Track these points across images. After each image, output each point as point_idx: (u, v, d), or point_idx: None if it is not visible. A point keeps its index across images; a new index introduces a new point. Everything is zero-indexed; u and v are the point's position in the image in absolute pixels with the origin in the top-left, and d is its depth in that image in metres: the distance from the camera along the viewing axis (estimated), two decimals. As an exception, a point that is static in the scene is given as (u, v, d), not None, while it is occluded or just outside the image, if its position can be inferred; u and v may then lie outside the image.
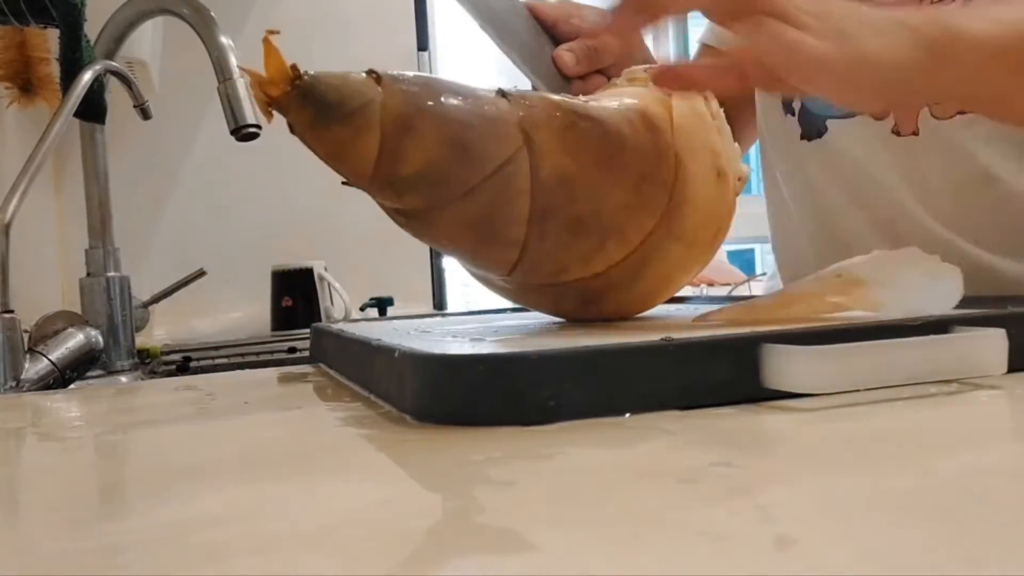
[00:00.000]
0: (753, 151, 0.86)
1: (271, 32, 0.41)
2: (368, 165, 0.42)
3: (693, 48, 0.88)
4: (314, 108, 0.41)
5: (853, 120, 0.68)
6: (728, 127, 0.50)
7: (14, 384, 0.69)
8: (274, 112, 0.41)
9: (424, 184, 0.42)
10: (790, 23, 0.42)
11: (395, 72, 0.43)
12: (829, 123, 0.70)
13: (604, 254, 0.46)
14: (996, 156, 0.62)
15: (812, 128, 0.71)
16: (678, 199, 0.47)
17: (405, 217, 0.45)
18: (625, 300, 0.50)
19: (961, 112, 0.63)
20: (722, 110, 0.51)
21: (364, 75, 0.42)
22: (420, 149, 0.42)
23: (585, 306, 0.49)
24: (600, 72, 0.62)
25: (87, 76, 0.81)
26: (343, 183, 0.45)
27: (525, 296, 0.51)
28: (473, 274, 0.50)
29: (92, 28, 0.88)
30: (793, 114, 0.73)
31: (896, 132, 0.66)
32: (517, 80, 0.58)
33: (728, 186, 0.49)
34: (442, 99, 0.43)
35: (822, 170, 0.71)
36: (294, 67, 0.40)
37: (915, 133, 0.65)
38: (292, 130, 0.42)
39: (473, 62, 1.68)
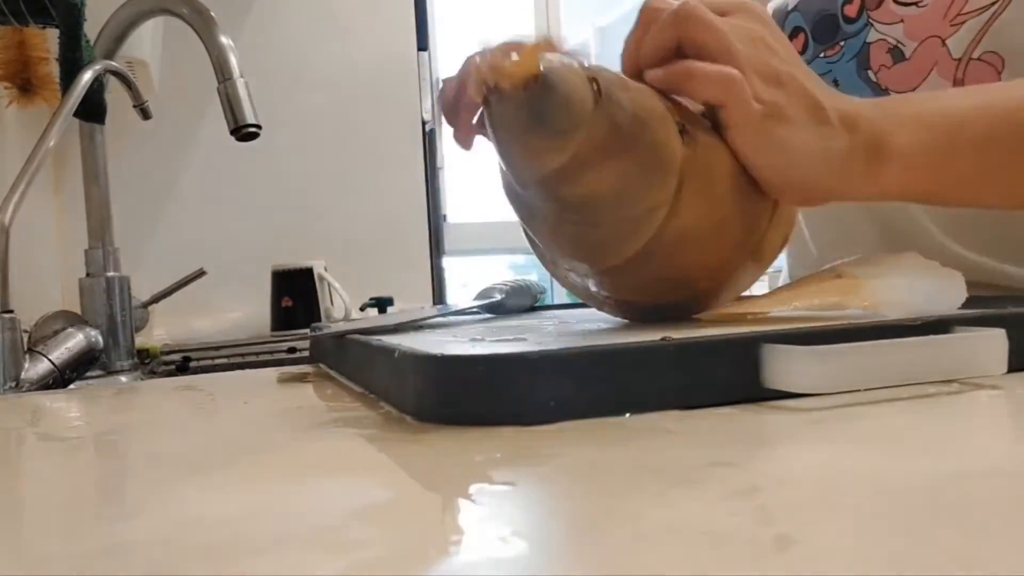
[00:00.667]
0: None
1: (549, 41, 0.38)
2: (539, 176, 0.39)
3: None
4: (530, 113, 0.38)
5: None
6: None
7: (14, 384, 0.69)
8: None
9: (576, 208, 0.40)
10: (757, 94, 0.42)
11: (611, 90, 0.39)
12: None
13: (673, 295, 0.45)
14: None
15: None
16: (769, 244, 0.47)
17: (528, 210, 0.43)
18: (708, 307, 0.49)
19: None
20: None
21: (588, 82, 0.38)
22: (595, 183, 0.39)
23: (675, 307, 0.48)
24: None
25: (87, 76, 0.81)
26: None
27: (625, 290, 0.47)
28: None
29: (92, 28, 0.88)
30: None
31: None
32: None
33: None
34: (642, 135, 0.39)
35: None
36: (538, 75, 0.37)
37: None
38: (489, 118, 0.39)
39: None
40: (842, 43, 0.68)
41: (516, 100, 0.37)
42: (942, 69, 0.62)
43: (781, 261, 0.83)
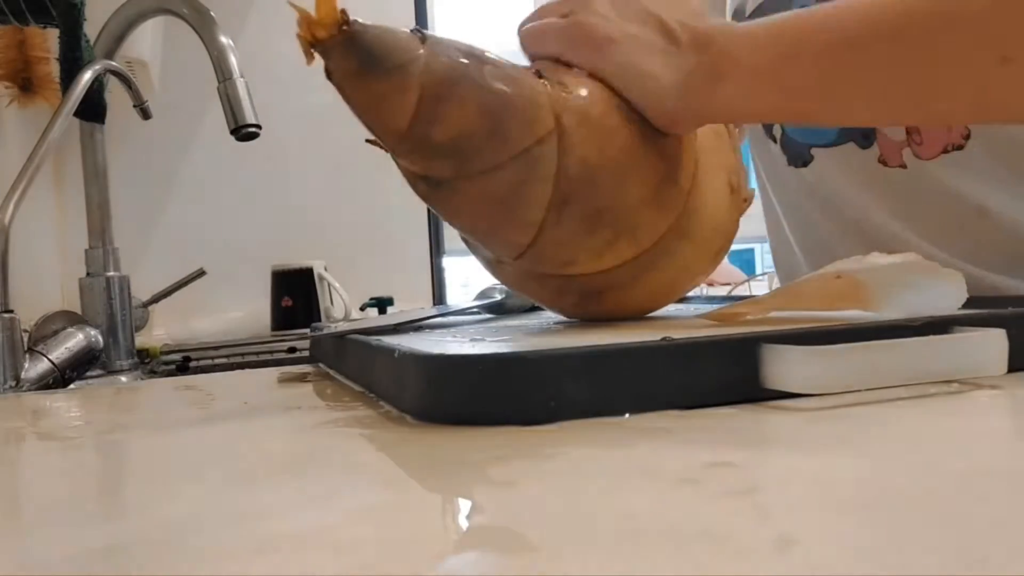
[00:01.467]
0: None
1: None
2: (403, 123, 0.41)
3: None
4: (358, 57, 0.40)
5: (838, 149, 0.67)
6: (741, 149, 0.50)
7: (14, 384, 0.69)
8: (315, 55, 0.41)
9: (455, 152, 0.42)
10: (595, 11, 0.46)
11: (439, 35, 0.43)
12: (813, 151, 0.68)
13: (615, 250, 0.46)
14: (987, 190, 0.61)
15: (797, 156, 0.70)
16: (693, 205, 0.47)
17: (428, 185, 0.44)
18: (626, 301, 0.50)
19: (945, 151, 0.61)
20: (737, 131, 0.51)
21: (409, 32, 0.42)
22: (457, 116, 0.41)
23: (585, 302, 0.49)
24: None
25: (87, 76, 0.81)
26: (368, 140, 0.44)
27: (527, 285, 0.50)
28: (480, 256, 0.50)
29: (92, 28, 0.88)
30: (776, 141, 0.72)
31: (883, 162, 0.65)
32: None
33: (738, 202, 0.49)
34: (484, 69, 0.42)
35: (810, 198, 0.70)
36: (344, 12, 0.40)
37: (903, 166, 0.64)
38: (329, 76, 0.41)
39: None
40: None
41: (339, 48, 0.40)
42: None
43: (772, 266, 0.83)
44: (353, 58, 0.40)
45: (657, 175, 0.46)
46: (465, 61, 0.42)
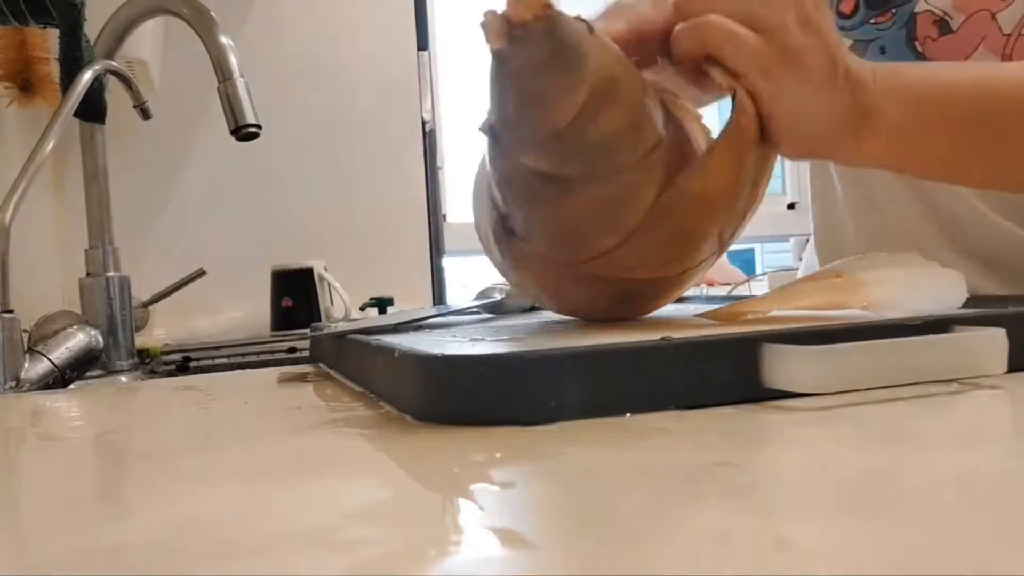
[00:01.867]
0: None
1: None
2: (565, 119, 0.40)
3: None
4: (552, 47, 0.39)
5: None
6: None
7: (14, 384, 0.69)
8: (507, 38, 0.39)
9: (597, 153, 0.41)
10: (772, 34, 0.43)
11: (597, 21, 0.42)
12: None
13: (679, 264, 0.46)
14: None
15: None
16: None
17: (543, 181, 0.43)
18: (651, 306, 0.50)
19: None
20: None
21: (579, 22, 0.40)
22: (613, 117, 0.41)
23: (616, 306, 0.48)
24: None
25: (87, 76, 0.81)
26: (483, 129, 0.43)
27: (563, 285, 0.48)
28: (504, 249, 0.48)
29: (92, 28, 0.88)
30: None
31: None
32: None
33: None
34: (631, 71, 0.42)
35: None
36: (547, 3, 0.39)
37: None
38: (503, 63, 0.40)
39: (473, 62, 1.68)
40: (893, 10, 0.66)
41: (534, 39, 0.39)
42: (990, 43, 0.60)
43: (779, 261, 0.82)
44: (547, 47, 0.39)
45: (737, 208, 0.45)
46: (622, 58, 0.42)
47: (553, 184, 0.42)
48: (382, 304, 1.42)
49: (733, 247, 0.53)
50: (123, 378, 0.87)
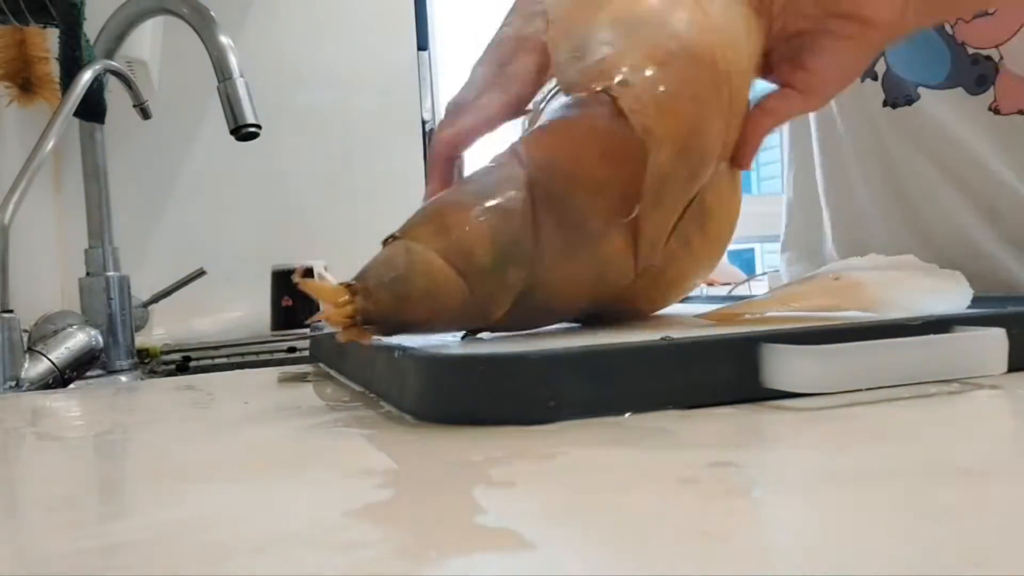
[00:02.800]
0: (775, 139, 0.81)
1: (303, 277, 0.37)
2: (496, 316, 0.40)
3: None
4: (382, 320, 0.36)
5: (948, 92, 0.63)
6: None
7: (14, 384, 0.69)
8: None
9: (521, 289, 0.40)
10: None
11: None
12: (921, 90, 0.64)
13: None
14: None
15: (899, 94, 0.66)
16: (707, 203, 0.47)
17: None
18: (648, 302, 0.50)
19: None
20: None
21: (444, 268, 0.37)
22: (519, 273, 0.40)
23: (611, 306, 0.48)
24: None
25: (87, 76, 0.81)
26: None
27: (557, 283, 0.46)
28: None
29: (92, 28, 0.88)
30: (876, 79, 0.67)
31: (995, 110, 0.61)
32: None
33: (739, 184, 0.49)
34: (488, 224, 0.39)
35: (907, 142, 0.66)
36: (346, 285, 0.36)
37: (1021, 112, 0.60)
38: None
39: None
40: None
41: (382, 317, 0.36)
42: None
43: (772, 264, 0.82)
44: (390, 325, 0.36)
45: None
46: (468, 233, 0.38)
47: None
48: (382, 304, 1.42)
49: (732, 247, 0.53)
50: (123, 378, 0.87)
